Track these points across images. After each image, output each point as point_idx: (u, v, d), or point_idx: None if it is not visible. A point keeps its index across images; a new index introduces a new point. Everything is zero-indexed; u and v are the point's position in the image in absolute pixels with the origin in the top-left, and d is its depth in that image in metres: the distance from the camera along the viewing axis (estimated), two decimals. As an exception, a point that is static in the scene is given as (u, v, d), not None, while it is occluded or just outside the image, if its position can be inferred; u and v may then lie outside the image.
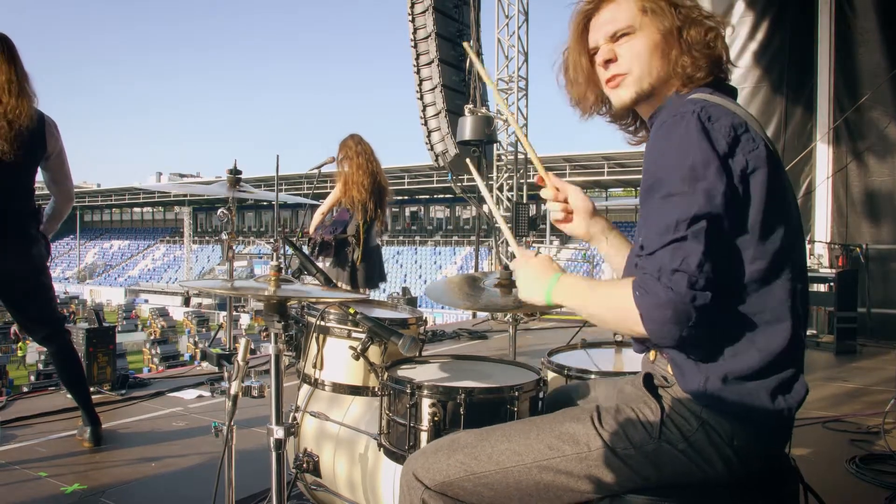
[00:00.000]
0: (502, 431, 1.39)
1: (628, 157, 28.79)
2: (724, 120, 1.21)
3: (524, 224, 9.67)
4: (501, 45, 10.45)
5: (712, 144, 1.18)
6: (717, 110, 1.23)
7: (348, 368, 2.11)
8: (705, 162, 1.17)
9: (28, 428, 3.52)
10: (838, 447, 3.25)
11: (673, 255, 1.15)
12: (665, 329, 1.16)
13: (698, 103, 1.23)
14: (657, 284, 1.15)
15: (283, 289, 1.73)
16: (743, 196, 1.19)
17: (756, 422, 1.25)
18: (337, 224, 5.06)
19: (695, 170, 1.17)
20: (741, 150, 1.20)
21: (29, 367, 20.26)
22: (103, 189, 53.52)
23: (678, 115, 1.23)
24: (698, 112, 1.21)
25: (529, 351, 5.68)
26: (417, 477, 1.38)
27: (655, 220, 1.20)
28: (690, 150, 1.18)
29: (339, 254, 5.01)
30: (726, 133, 1.20)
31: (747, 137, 1.21)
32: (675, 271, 1.14)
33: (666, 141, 1.23)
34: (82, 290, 43.98)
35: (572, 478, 1.30)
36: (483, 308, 2.06)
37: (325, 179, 5.85)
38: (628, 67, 1.38)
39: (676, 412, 1.28)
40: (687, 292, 1.13)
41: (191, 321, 29.50)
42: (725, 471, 1.25)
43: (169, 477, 2.91)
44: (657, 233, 1.19)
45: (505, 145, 10.56)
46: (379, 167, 5.06)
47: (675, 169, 1.19)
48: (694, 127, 1.19)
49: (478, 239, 9.61)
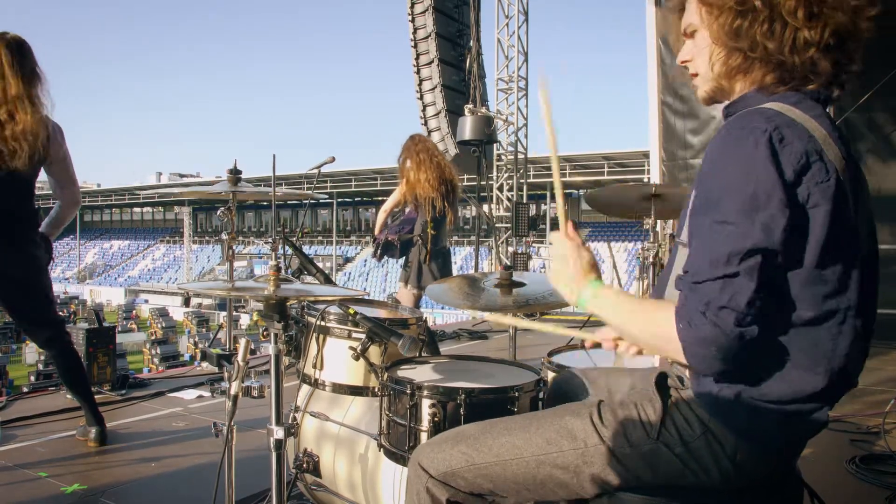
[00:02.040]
0: (504, 424, 1.40)
1: (628, 157, 28.77)
2: (797, 145, 1.11)
3: (524, 224, 9.68)
4: (501, 45, 10.47)
5: (780, 171, 1.09)
6: (791, 131, 1.12)
7: (348, 369, 2.11)
8: (768, 192, 1.08)
9: (28, 428, 3.52)
10: (838, 447, 3.25)
11: (722, 291, 1.09)
12: (707, 363, 1.13)
13: (773, 119, 1.13)
14: (702, 319, 1.10)
15: (282, 289, 1.73)
16: (802, 231, 1.11)
17: (764, 443, 1.22)
18: (405, 223, 4.95)
19: (756, 199, 1.09)
20: (808, 181, 1.10)
21: (29, 367, 20.27)
22: (103, 189, 53.51)
23: (748, 128, 1.13)
24: (771, 131, 1.10)
25: (529, 351, 5.68)
26: (423, 466, 1.41)
27: (706, 247, 1.13)
28: (754, 174, 1.09)
29: (404, 254, 4.92)
30: (796, 160, 1.10)
31: (819, 167, 1.11)
32: (723, 308, 1.09)
33: (729, 157, 1.14)
34: (82, 291, 43.97)
35: (568, 473, 1.31)
36: (483, 308, 2.05)
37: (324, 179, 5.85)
38: (695, 67, 1.32)
39: (681, 415, 1.26)
40: (733, 330, 1.08)
41: (191, 321, 29.51)
42: (721, 481, 1.24)
43: (169, 477, 2.90)
44: (707, 262, 1.11)
45: (505, 145, 10.57)
46: (445, 162, 4.92)
47: (735, 193, 1.10)
48: (763, 148, 1.09)
49: (478, 239, 9.60)
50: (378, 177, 36.82)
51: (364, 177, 38.14)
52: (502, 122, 10.28)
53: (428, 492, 1.40)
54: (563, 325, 1.54)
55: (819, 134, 1.14)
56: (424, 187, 4.71)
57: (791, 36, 1.17)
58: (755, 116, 1.15)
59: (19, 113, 2.78)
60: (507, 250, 10.04)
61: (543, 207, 35.45)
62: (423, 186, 4.71)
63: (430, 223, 4.77)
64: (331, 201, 41.81)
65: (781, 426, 1.20)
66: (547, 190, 34.46)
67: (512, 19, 10.45)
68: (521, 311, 2.11)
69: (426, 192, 4.71)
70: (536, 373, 1.89)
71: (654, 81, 7.15)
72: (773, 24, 1.18)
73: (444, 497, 1.39)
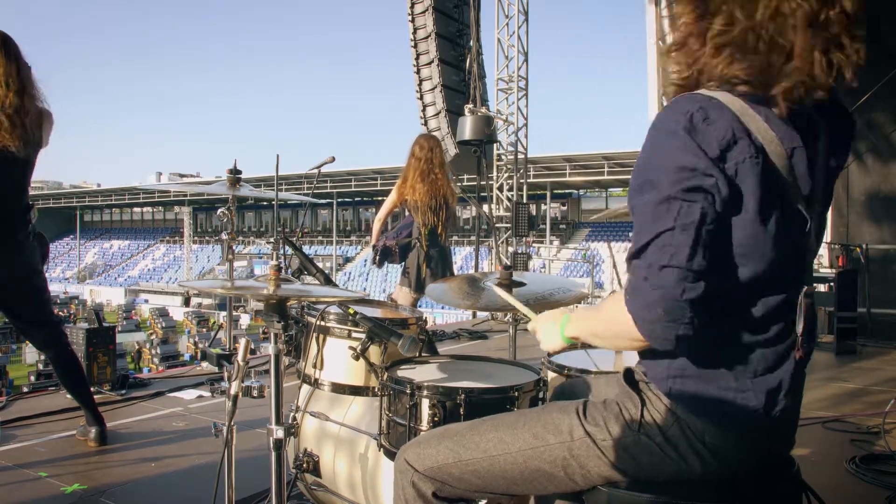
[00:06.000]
0: (492, 422, 1.42)
1: (628, 157, 28.76)
2: (721, 123, 1.12)
3: (524, 224, 9.68)
4: (501, 45, 10.46)
5: (703, 147, 1.11)
6: (716, 112, 1.13)
7: (348, 368, 2.11)
8: (693, 164, 1.11)
9: (28, 428, 3.52)
10: (838, 447, 3.25)
11: (661, 251, 1.12)
12: (658, 328, 1.13)
13: (698, 101, 1.15)
14: (645, 284, 1.13)
15: (282, 288, 1.73)
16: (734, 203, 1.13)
17: (724, 420, 1.23)
18: (402, 228, 4.98)
19: (682, 171, 1.12)
20: (734, 157, 1.12)
21: (29, 367, 20.27)
22: (103, 189, 53.49)
23: (675, 110, 1.15)
24: (693, 111, 1.13)
25: (529, 351, 5.68)
26: (409, 462, 1.43)
27: (641, 220, 1.17)
28: (679, 149, 1.12)
29: (404, 258, 4.94)
30: (720, 135, 1.12)
31: (745, 143, 1.12)
32: (664, 267, 1.11)
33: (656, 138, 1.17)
34: (82, 291, 43.95)
35: (555, 467, 1.33)
36: (483, 308, 2.05)
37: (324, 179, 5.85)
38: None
39: (654, 407, 1.28)
40: (676, 285, 1.10)
41: (191, 321, 29.51)
42: (701, 467, 1.24)
43: (169, 477, 2.90)
44: (643, 232, 1.15)
45: (505, 145, 10.57)
46: (445, 178, 4.90)
47: (664, 170, 1.13)
48: (686, 125, 1.12)
49: (478, 239, 9.61)
50: (378, 177, 36.83)
51: (364, 177, 38.15)
52: (502, 122, 10.28)
53: (413, 486, 1.42)
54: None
55: (747, 115, 1.14)
56: (416, 192, 4.76)
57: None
58: (683, 99, 1.18)
59: (26, 99, 2.80)
60: (507, 250, 10.04)
61: (543, 207, 35.46)
62: (416, 191, 4.76)
63: (423, 227, 4.81)
64: (330, 201, 41.84)
65: (735, 402, 1.21)
66: (547, 190, 34.50)
67: (512, 19, 10.45)
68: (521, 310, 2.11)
69: (421, 197, 4.75)
70: (536, 373, 1.89)
71: (654, 81, 7.16)
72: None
73: (429, 491, 1.41)
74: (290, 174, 27.35)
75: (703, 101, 1.16)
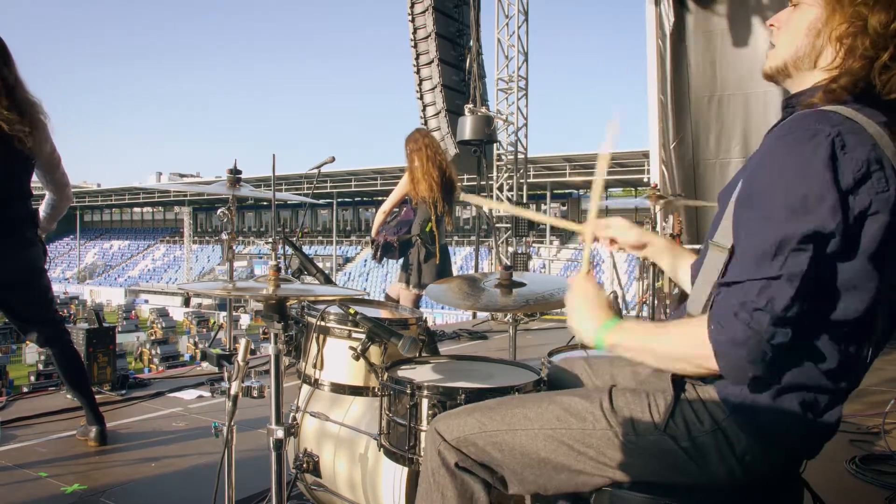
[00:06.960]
0: (520, 399, 1.46)
1: (628, 157, 28.75)
2: (860, 152, 1.08)
3: (524, 224, 9.68)
4: (501, 45, 10.46)
5: (836, 178, 1.06)
6: (855, 138, 1.09)
7: (348, 369, 2.10)
8: (821, 195, 1.06)
9: (28, 428, 3.52)
10: (838, 447, 3.25)
11: (760, 294, 1.08)
12: (738, 366, 1.11)
13: (837, 124, 1.10)
14: (735, 321, 1.09)
15: (282, 288, 1.73)
16: (852, 240, 1.09)
17: (777, 446, 1.22)
18: (402, 224, 4.92)
19: (806, 201, 1.07)
20: (867, 190, 1.08)
21: (29, 367, 20.27)
22: (103, 189, 53.50)
23: (811, 129, 1.10)
24: (834, 136, 1.08)
25: (529, 351, 5.68)
26: (439, 431, 1.45)
27: (749, 243, 1.12)
28: (809, 176, 1.07)
29: (403, 255, 4.91)
30: (857, 167, 1.07)
31: (879, 176, 1.08)
32: (758, 310, 1.07)
33: (786, 155, 1.11)
34: (82, 291, 43.93)
35: (573, 453, 1.33)
36: (483, 308, 2.05)
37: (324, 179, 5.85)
38: (779, 37, 1.28)
39: (692, 410, 1.25)
40: (766, 331, 1.07)
41: (191, 321, 29.50)
42: (726, 477, 1.24)
43: (169, 477, 2.90)
44: (748, 260, 1.11)
45: (505, 145, 10.57)
46: (446, 160, 4.91)
47: (786, 192, 1.08)
48: (823, 152, 1.07)
49: (478, 239, 9.60)
50: (378, 177, 36.83)
51: (364, 177, 38.15)
52: (502, 122, 10.28)
53: (439, 454, 1.44)
54: None
55: (884, 142, 1.12)
56: (430, 186, 4.71)
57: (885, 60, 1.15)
58: (820, 118, 1.12)
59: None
60: (507, 250, 10.04)
61: (543, 207, 35.46)
62: (427, 185, 4.71)
63: (431, 222, 4.76)
64: (330, 202, 41.85)
65: (800, 430, 1.21)
66: (547, 190, 34.48)
67: (512, 19, 10.45)
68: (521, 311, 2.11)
69: (431, 192, 4.71)
70: (536, 373, 1.89)
71: (654, 81, 7.16)
72: (880, 50, 1.15)
73: (453, 461, 1.43)
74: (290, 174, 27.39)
75: (841, 123, 1.11)
